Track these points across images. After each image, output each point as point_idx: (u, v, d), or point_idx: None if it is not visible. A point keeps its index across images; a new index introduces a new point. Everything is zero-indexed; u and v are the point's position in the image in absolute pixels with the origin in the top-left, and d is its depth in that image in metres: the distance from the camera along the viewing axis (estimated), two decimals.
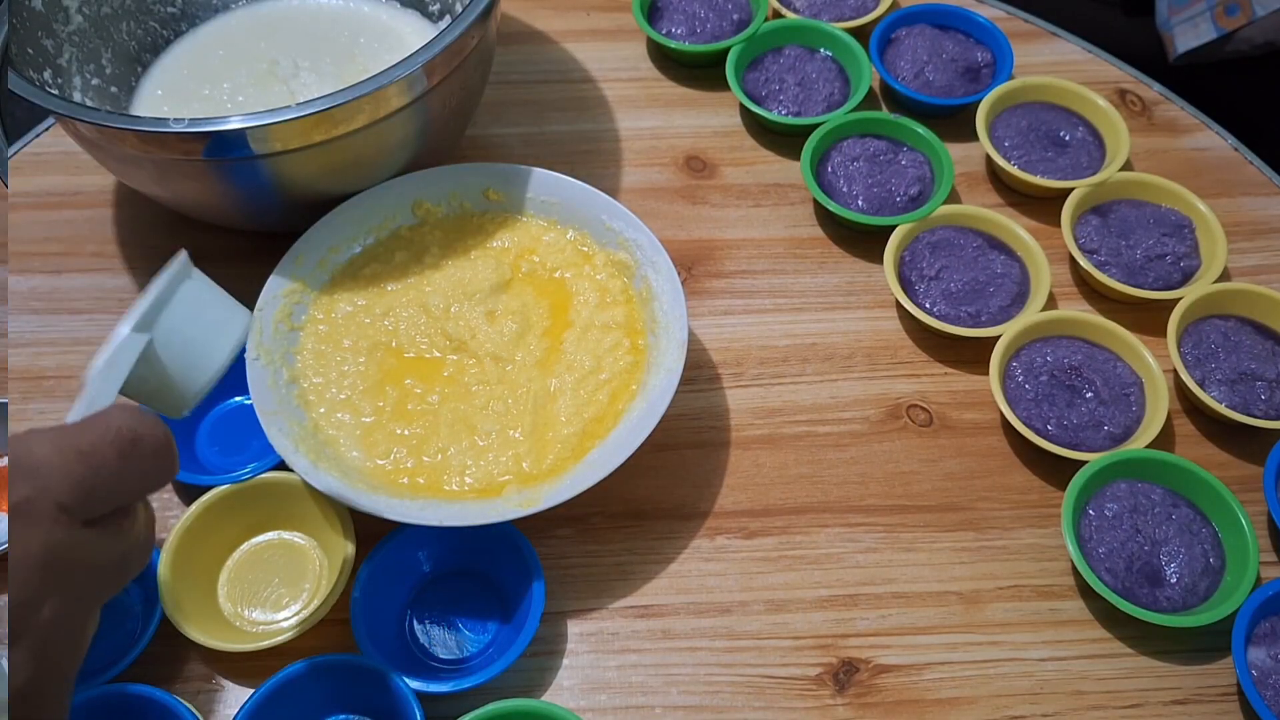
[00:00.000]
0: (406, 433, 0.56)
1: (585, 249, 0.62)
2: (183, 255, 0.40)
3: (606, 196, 0.61)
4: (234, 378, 0.59)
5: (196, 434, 0.59)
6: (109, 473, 0.34)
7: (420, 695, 0.48)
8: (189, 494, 0.54)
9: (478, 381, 0.57)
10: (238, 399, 0.60)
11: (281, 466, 0.55)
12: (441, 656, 0.52)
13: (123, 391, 0.38)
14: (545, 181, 0.63)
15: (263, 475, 0.54)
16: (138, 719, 0.48)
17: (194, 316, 0.39)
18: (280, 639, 0.50)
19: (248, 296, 0.64)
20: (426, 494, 0.53)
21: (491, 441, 0.55)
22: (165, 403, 0.40)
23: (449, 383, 0.58)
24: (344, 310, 0.60)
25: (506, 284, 0.61)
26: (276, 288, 0.59)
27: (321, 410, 0.56)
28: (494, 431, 0.55)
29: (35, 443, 0.33)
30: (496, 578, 0.54)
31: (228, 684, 0.51)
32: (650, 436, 0.53)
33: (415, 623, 0.53)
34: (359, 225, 0.62)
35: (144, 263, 0.67)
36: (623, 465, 0.52)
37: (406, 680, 0.48)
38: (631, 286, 0.60)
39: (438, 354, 0.59)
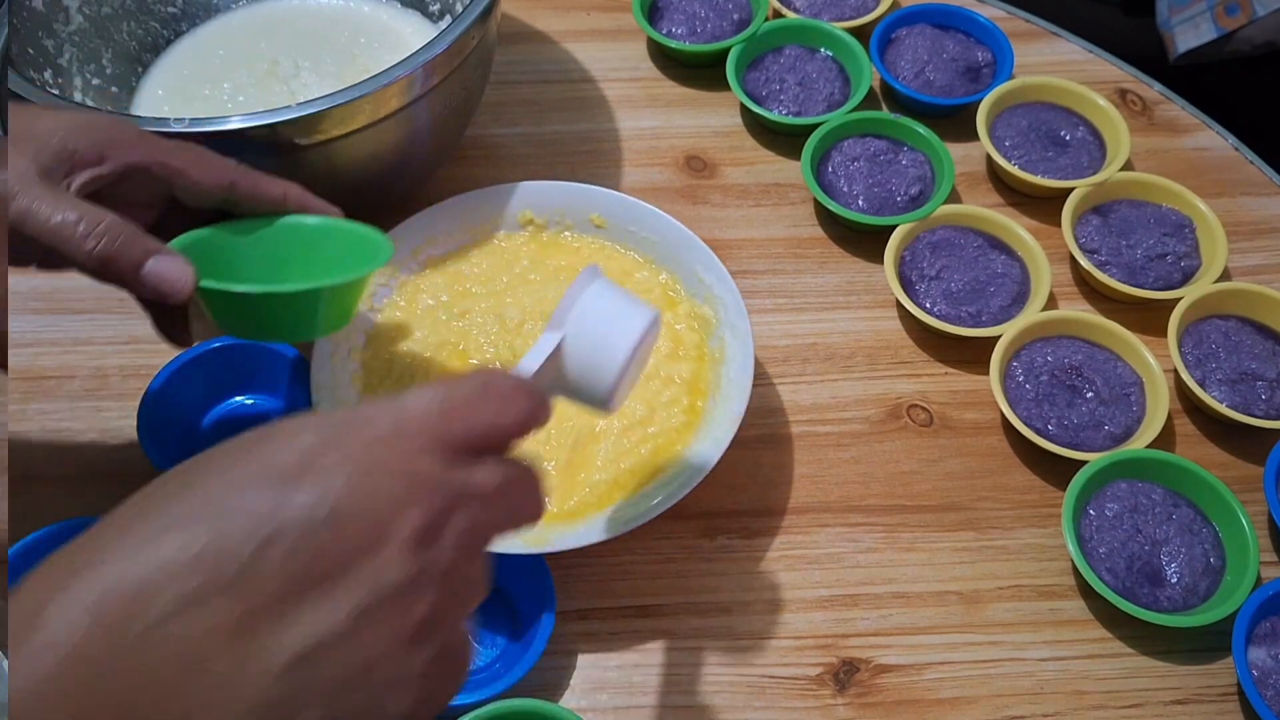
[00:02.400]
0: None
1: (673, 294, 0.61)
2: (594, 265, 0.43)
3: (706, 248, 0.60)
4: (234, 376, 0.59)
5: (197, 434, 0.59)
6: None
7: None
8: None
9: None
10: (238, 399, 0.60)
11: None
12: None
13: (548, 389, 0.40)
14: (650, 219, 0.62)
15: None
16: None
17: (598, 313, 0.41)
18: None
19: None
20: None
21: None
22: (587, 397, 0.41)
23: None
24: (425, 303, 0.61)
25: None
26: None
27: (379, 394, 0.57)
28: (529, 459, 0.55)
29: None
30: (513, 594, 0.53)
31: None
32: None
33: None
34: (460, 222, 0.62)
35: None
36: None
37: None
38: (706, 344, 0.59)
39: (500, 365, 0.58)
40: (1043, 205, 0.70)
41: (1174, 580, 0.53)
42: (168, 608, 0.25)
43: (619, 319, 0.41)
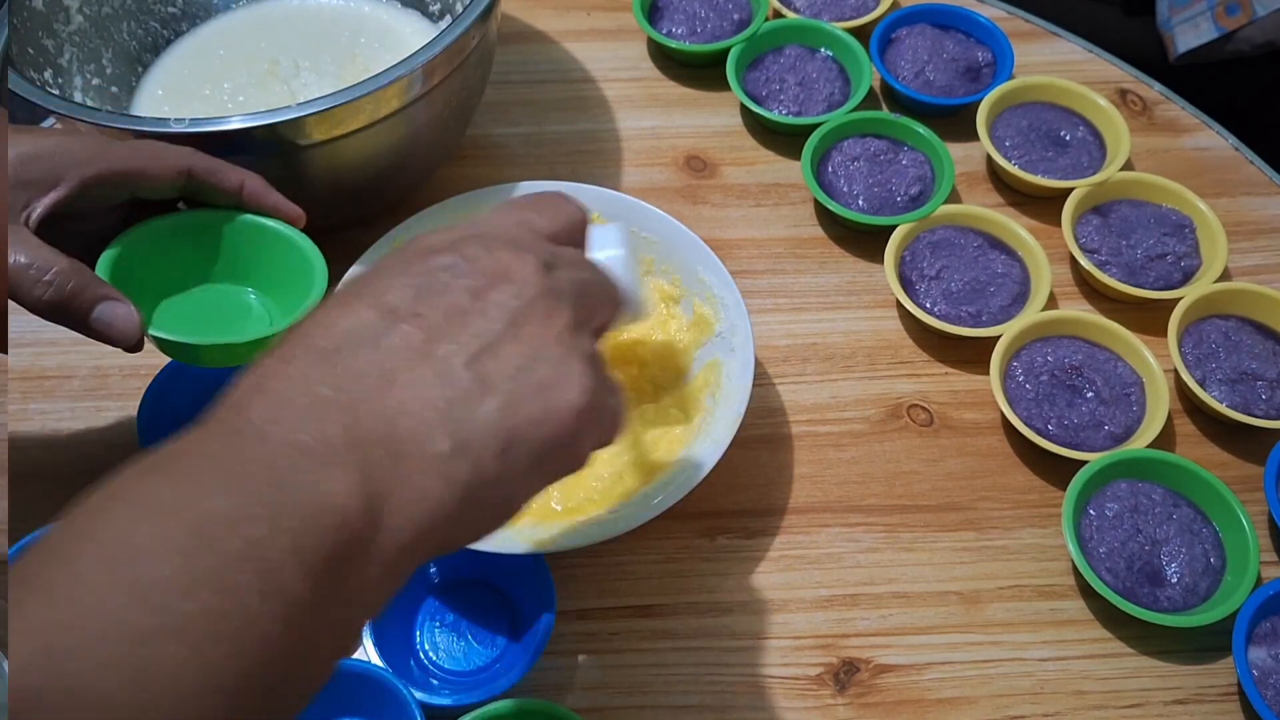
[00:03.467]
0: None
1: (673, 293, 0.61)
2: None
3: (706, 248, 0.60)
4: (231, 374, 0.59)
5: None
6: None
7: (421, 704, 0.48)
8: None
9: None
10: None
11: None
12: (447, 666, 0.52)
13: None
14: (650, 219, 0.62)
15: None
16: None
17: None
18: None
19: None
20: None
21: None
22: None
23: None
24: None
25: None
26: (363, 267, 0.59)
27: None
28: None
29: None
30: (513, 594, 0.53)
31: None
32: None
33: (424, 629, 0.53)
34: (461, 222, 0.62)
35: None
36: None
37: (409, 690, 0.48)
38: (706, 343, 0.59)
39: None
40: (1043, 205, 0.70)
41: (1174, 580, 0.53)
42: (366, 342, 0.32)
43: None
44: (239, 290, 0.53)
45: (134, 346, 0.46)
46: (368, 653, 0.50)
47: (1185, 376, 0.59)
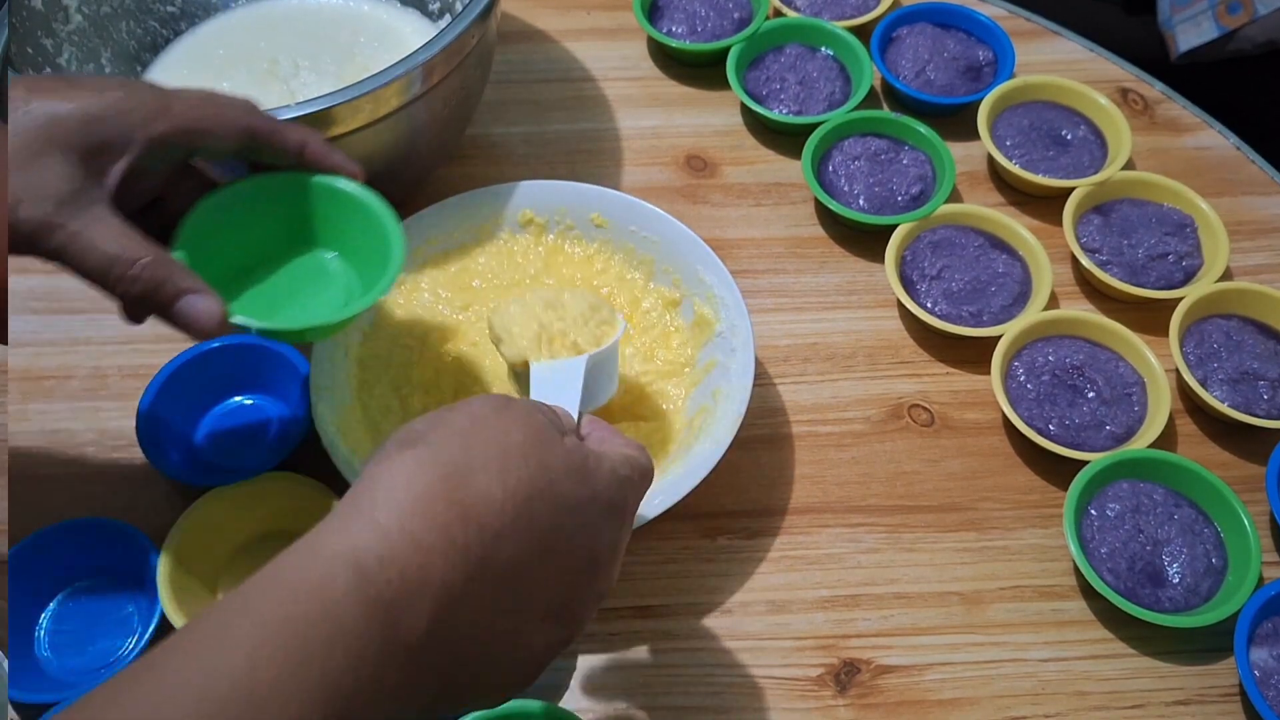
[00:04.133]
0: None
1: (673, 294, 0.61)
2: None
3: (707, 248, 0.60)
4: (232, 376, 0.59)
5: (196, 434, 0.59)
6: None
7: None
8: (189, 494, 0.54)
9: None
10: (238, 399, 0.60)
11: (283, 466, 0.55)
12: None
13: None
14: (651, 218, 0.62)
15: (264, 475, 0.54)
16: None
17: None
18: None
19: None
20: None
21: None
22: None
23: (506, 393, 0.57)
24: (425, 301, 0.61)
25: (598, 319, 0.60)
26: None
27: (376, 392, 0.57)
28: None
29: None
30: None
31: None
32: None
33: None
34: (461, 222, 0.62)
35: None
36: None
37: None
38: (706, 344, 0.59)
39: (502, 362, 0.58)
40: (1044, 204, 0.69)
41: (1176, 580, 0.53)
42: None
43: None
44: (316, 255, 0.51)
45: (214, 335, 0.44)
46: None
47: (1187, 376, 0.59)
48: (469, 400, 0.38)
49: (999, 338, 0.60)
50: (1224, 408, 0.58)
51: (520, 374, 0.49)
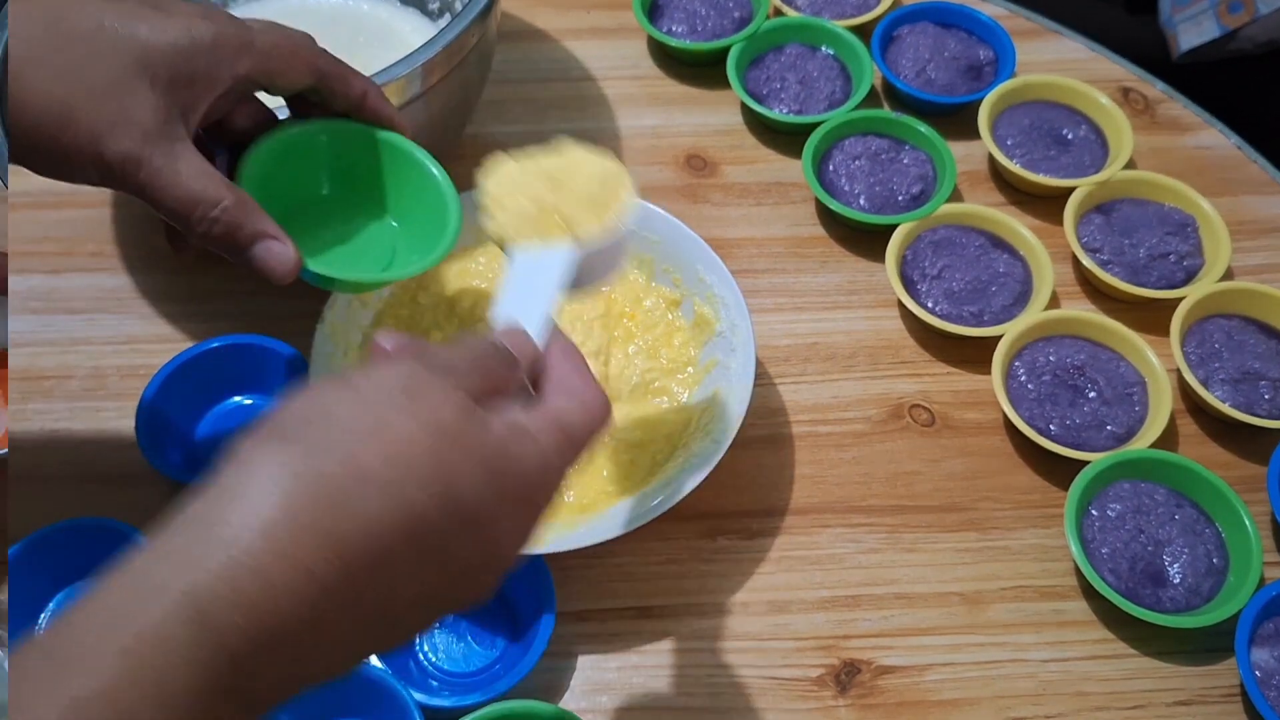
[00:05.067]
0: None
1: (673, 293, 0.61)
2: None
3: (707, 247, 0.60)
4: (232, 376, 0.59)
5: (196, 434, 0.59)
6: None
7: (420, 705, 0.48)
8: None
9: None
10: (237, 399, 0.60)
11: None
12: (446, 667, 0.52)
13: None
14: (651, 218, 0.61)
15: None
16: None
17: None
18: None
19: (253, 296, 0.64)
20: None
21: None
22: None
23: None
24: (426, 301, 0.60)
25: (602, 323, 0.60)
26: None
27: None
28: None
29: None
30: (513, 595, 0.53)
31: None
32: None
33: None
34: (463, 221, 0.62)
35: (144, 262, 0.67)
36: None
37: (408, 691, 0.47)
38: (707, 343, 0.59)
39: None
40: (1045, 204, 0.69)
41: (1177, 581, 0.53)
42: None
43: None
44: (364, 207, 0.51)
45: (286, 281, 0.44)
46: None
47: (1188, 376, 0.59)
48: (373, 374, 0.32)
49: (1000, 337, 0.60)
50: (1225, 408, 0.58)
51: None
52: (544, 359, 0.38)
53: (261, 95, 0.47)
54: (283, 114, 0.49)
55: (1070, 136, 0.71)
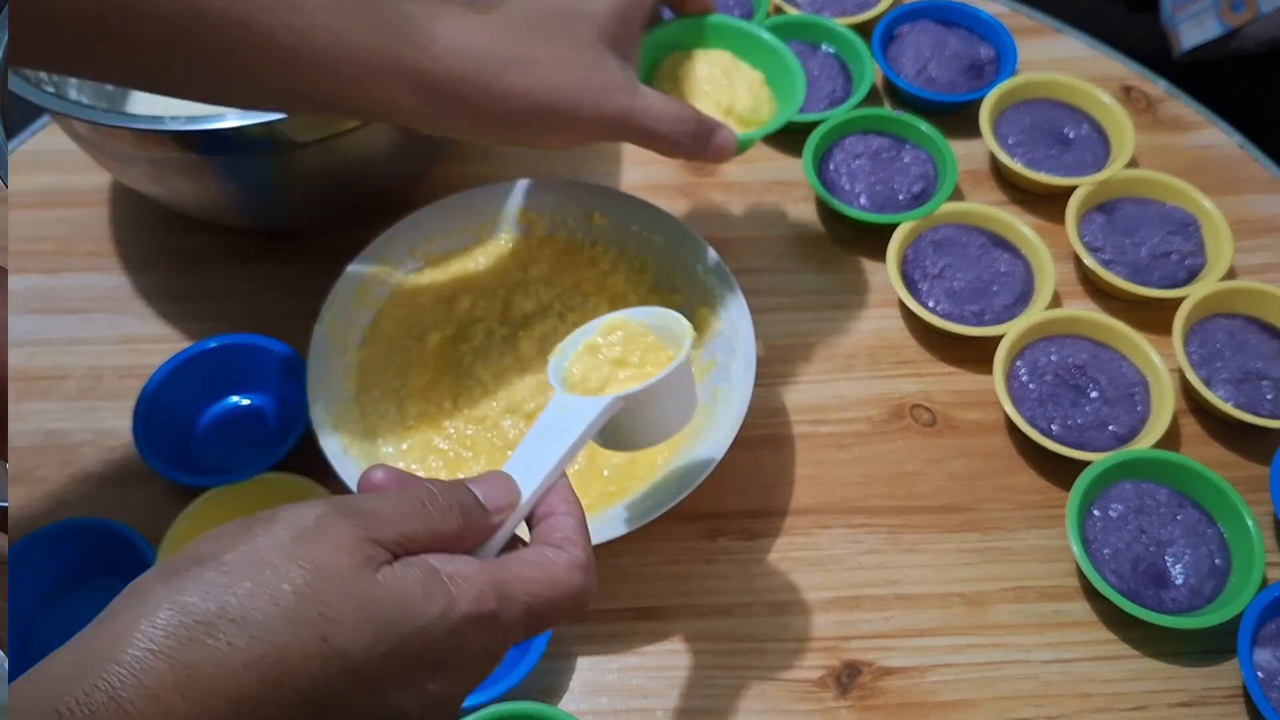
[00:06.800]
0: (444, 446, 0.55)
1: (673, 293, 0.61)
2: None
3: (707, 246, 0.60)
4: (229, 376, 0.59)
5: (193, 434, 0.59)
6: None
7: None
8: (186, 494, 0.53)
9: (537, 409, 0.56)
10: (234, 399, 0.60)
11: (280, 467, 0.54)
12: None
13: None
14: (651, 217, 0.61)
15: (261, 475, 0.54)
16: None
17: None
18: None
19: (251, 295, 0.64)
20: None
21: None
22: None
23: (504, 397, 0.57)
24: (424, 301, 0.60)
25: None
26: (361, 265, 0.59)
27: (373, 394, 0.57)
28: None
29: None
30: None
31: None
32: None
33: None
34: (460, 221, 0.62)
35: (141, 262, 0.67)
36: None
37: None
38: (707, 343, 0.59)
39: (508, 362, 0.58)
40: (1046, 203, 0.69)
41: (1179, 582, 0.53)
42: None
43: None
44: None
45: (729, 158, 0.52)
46: None
47: (1190, 376, 0.59)
48: (280, 514, 0.32)
49: (1001, 337, 0.60)
50: (1228, 407, 0.58)
51: None
52: (532, 509, 0.37)
53: None
54: None
55: (1072, 135, 0.71)
